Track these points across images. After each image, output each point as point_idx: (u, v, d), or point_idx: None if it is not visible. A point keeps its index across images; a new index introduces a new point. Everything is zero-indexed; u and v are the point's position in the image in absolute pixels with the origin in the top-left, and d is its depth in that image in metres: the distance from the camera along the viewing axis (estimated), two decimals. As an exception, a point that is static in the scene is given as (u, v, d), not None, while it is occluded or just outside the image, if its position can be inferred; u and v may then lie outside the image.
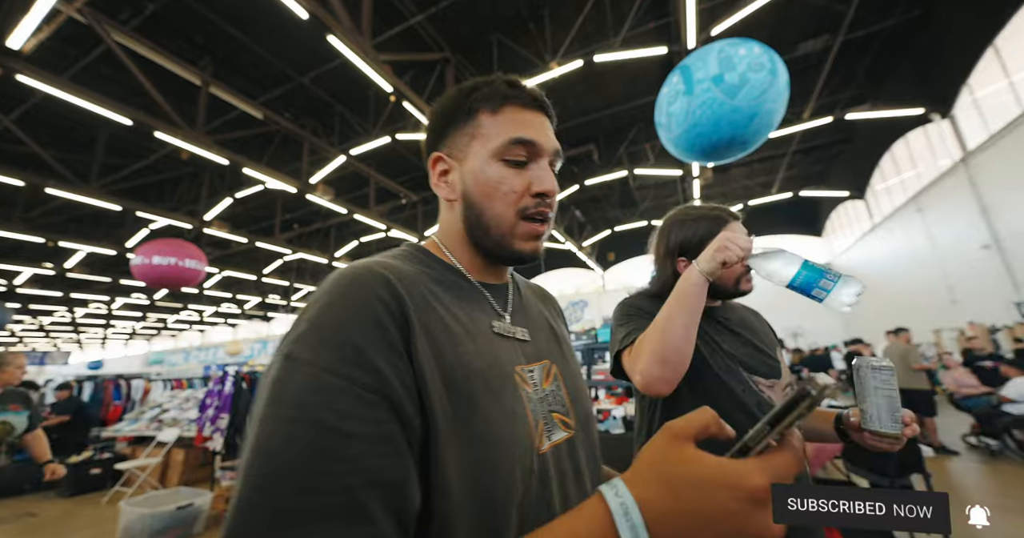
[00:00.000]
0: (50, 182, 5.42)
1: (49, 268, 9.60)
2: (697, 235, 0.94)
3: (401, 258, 0.49)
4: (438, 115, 0.53)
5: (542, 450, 0.43)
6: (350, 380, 0.33)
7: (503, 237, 0.49)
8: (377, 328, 0.36)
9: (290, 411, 0.32)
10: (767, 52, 2.02)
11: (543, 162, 0.50)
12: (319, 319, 0.36)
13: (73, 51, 5.18)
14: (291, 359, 0.34)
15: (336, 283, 0.39)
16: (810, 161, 11.20)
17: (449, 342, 0.41)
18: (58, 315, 18.44)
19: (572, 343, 0.63)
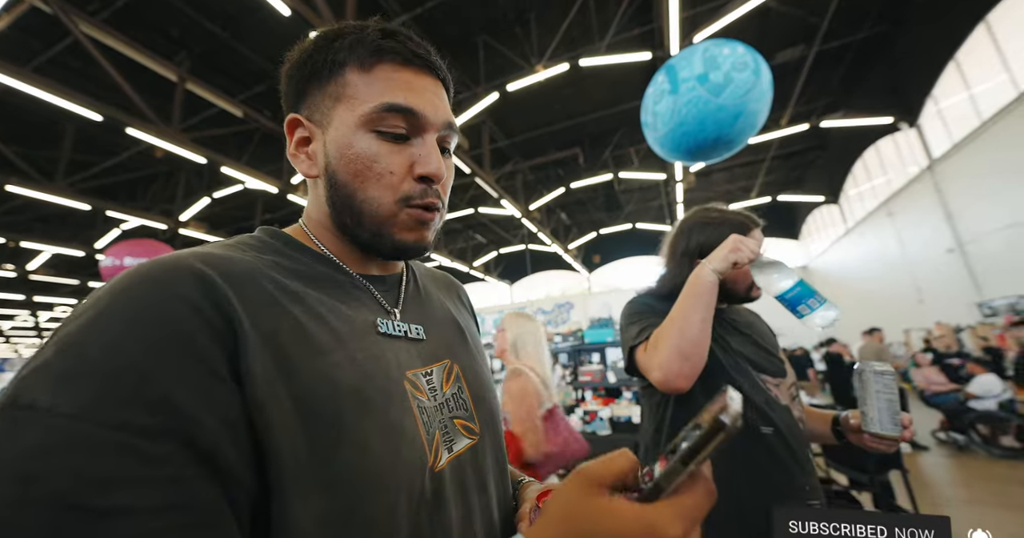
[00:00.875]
0: (12, 179, 5.15)
1: (10, 270, 9.10)
2: (721, 239, 0.89)
3: (240, 246, 0.37)
4: (295, 67, 0.41)
5: (438, 467, 0.37)
6: (122, 427, 0.22)
7: (380, 226, 0.39)
8: (181, 343, 0.26)
9: (9, 491, 0.20)
10: (751, 52, 2.07)
11: (428, 137, 0.39)
12: (78, 337, 0.25)
13: (37, 43, 4.95)
14: (17, 406, 0.22)
15: (118, 283, 0.28)
16: (788, 167, 11.56)
17: (307, 353, 0.32)
18: (20, 320, 17.50)
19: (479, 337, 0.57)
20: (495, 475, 0.44)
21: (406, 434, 0.35)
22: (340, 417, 0.31)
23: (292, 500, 0.27)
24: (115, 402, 0.23)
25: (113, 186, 8.15)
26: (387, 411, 0.34)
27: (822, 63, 7.07)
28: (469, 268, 12.63)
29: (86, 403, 0.22)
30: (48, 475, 0.21)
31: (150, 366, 0.24)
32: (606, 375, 3.55)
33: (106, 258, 5.19)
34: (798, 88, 6.49)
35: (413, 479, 0.34)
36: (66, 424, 0.22)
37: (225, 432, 0.26)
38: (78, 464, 0.21)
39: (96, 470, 0.21)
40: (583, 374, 3.67)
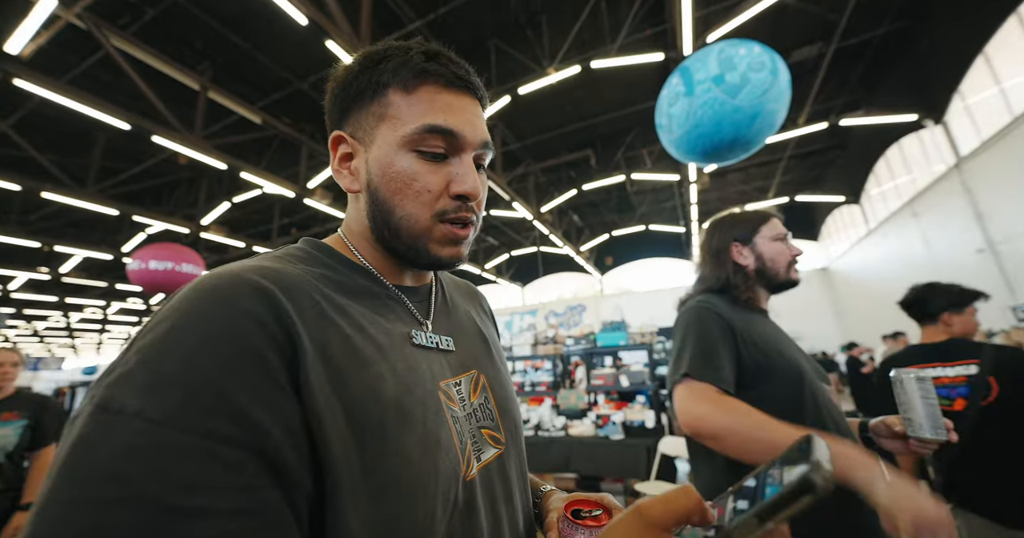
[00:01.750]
0: (47, 186, 5.40)
1: (44, 272, 9.53)
2: (747, 223, 0.99)
3: (289, 259, 0.39)
4: (341, 86, 0.43)
5: (470, 476, 0.38)
6: (205, 435, 0.24)
7: (416, 240, 0.41)
8: (250, 357, 0.27)
9: (102, 489, 0.22)
10: (767, 52, 2.03)
11: (466, 157, 0.41)
12: (158, 350, 0.26)
13: (72, 56, 5.19)
14: (109, 411, 0.24)
15: (187, 297, 0.29)
16: (806, 166, 11.30)
17: (355, 365, 0.33)
18: (53, 320, 18.28)
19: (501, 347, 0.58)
20: (519, 484, 0.45)
21: (442, 444, 0.36)
22: (384, 428, 0.32)
23: (345, 506, 0.29)
24: (197, 411, 0.25)
25: (139, 192, 8.47)
26: (425, 422, 0.35)
27: (840, 60, 6.90)
28: (481, 270, 12.68)
29: (171, 411, 0.24)
30: (138, 476, 0.22)
31: (224, 379, 0.26)
32: (619, 379, 3.52)
33: (133, 261, 5.39)
34: (816, 86, 6.35)
35: (449, 488, 0.35)
36: (153, 429, 0.24)
37: (288, 441, 0.27)
38: (165, 467, 0.23)
39: (180, 473, 0.23)
40: (595, 377, 3.64)
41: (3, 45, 3.17)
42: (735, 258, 0.98)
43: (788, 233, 0.97)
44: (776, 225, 0.98)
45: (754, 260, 0.97)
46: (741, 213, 1.04)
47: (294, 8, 3.28)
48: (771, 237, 0.96)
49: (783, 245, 0.96)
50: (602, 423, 3.14)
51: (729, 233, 1.00)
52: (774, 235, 0.96)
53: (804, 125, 6.87)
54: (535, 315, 15.60)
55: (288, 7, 3.27)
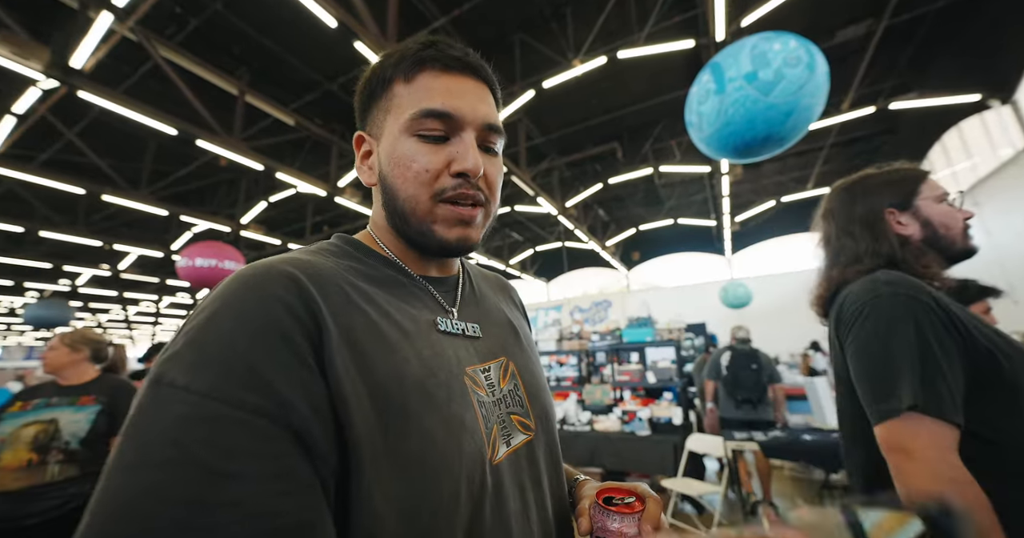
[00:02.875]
0: (107, 189, 5.86)
1: (106, 269, 10.37)
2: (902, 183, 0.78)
3: (321, 252, 0.42)
4: (361, 90, 0.46)
5: (496, 460, 0.39)
6: (240, 406, 0.27)
7: (421, 223, 0.41)
8: (278, 338, 0.30)
9: (160, 452, 0.25)
10: (804, 45, 1.93)
11: (466, 135, 0.41)
12: (201, 332, 0.30)
13: (126, 67, 5.58)
14: (162, 384, 0.28)
15: (226, 287, 0.32)
16: (849, 154, 10.60)
17: (381, 350, 0.35)
18: (113, 313, 19.87)
19: (531, 338, 0.58)
20: (549, 471, 0.46)
21: (467, 426, 0.37)
22: (408, 409, 0.34)
23: (370, 482, 0.30)
24: (235, 385, 0.27)
25: (185, 193, 9.03)
26: (449, 404, 0.36)
27: (889, 40, 6.40)
28: (506, 266, 12.73)
29: (213, 384, 0.27)
30: (191, 441, 0.26)
31: (257, 358, 0.29)
32: (645, 375, 3.47)
33: (181, 258, 5.77)
34: (862, 69, 5.92)
35: (473, 470, 0.35)
36: (199, 400, 0.27)
37: (314, 417, 0.29)
38: (211, 433, 0.26)
39: (223, 439, 0.26)
40: (621, 373, 3.60)
41: (69, 60, 3.44)
42: (895, 228, 0.78)
43: (951, 193, 0.78)
44: (936, 184, 0.79)
45: (919, 228, 0.77)
46: (887, 172, 0.84)
47: (324, 11, 3.39)
48: (936, 197, 0.77)
49: (951, 207, 0.77)
50: (628, 419, 3.10)
51: (879, 198, 0.80)
52: (939, 194, 0.78)
53: (849, 110, 6.44)
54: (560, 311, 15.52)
55: (318, 10, 3.38)
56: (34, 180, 5.34)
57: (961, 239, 0.76)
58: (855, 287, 0.72)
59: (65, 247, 9.40)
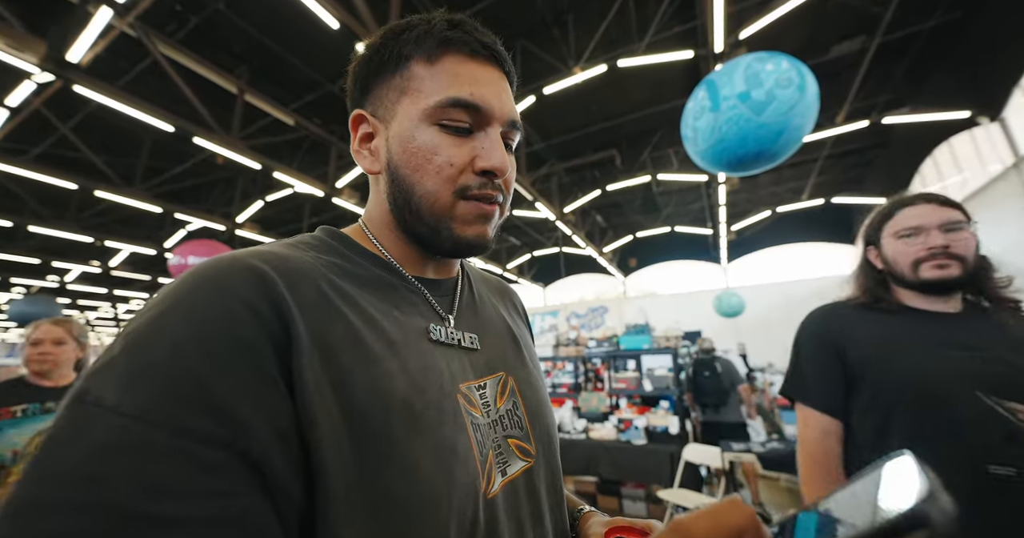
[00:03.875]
0: (100, 185, 5.79)
1: (96, 266, 10.22)
2: (873, 223, 0.92)
3: (300, 246, 0.37)
4: (362, 63, 0.41)
5: (491, 493, 0.34)
6: (182, 433, 0.22)
7: (438, 220, 0.37)
8: (236, 345, 0.25)
9: (71, 491, 0.20)
10: (795, 67, 2.02)
11: (492, 131, 0.38)
12: (142, 336, 0.24)
13: (124, 63, 5.54)
14: (86, 402, 0.22)
15: (180, 282, 0.28)
16: (843, 166, 10.77)
17: (360, 361, 0.30)
18: (103, 311, 19.57)
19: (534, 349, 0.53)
20: (551, 504, 0.40)
21: (459, 455, 0.32)
22: (391, 433, 0.29)
23: (338, 519, 0.25)
24: (177, 406, 0.22)
25: (180, 191, 8.95)
26: (440, 428, 0.31)
27: (884, 56, 6.53)
28: (503, 270, 12.71)
29: (148, 405, 0.22)
30: (106, 478, 0.20)
31: (208, 371, 0.23)
32: (642, 383, 3.45)
33: (173, 257, 5.70)
34: (857, 83, 6.03)
35: (465, 505, 0.30)
36: (128, 425, 0.21)
37: (276, 442, 0.24)
38: (136, 468, 0.21)
39: (153, 476, 0.21)
40: (617, 381, 3.58)
41: (65, 54, 3.41)
42: (873, 262, 0.92)
43: (918, 225, 0.82)
44: (901, 219, 0.85)
45: (883, 262, 0.89)
46: (876, 211, 0.94)
47: (326, 12, 3.38)
48: (893, 235, 0.86)
49: (903, 243, 0.84)
50: (624, 427, 3.08)
51: (863, 237, 0.96)
52: (896, 231, 0.86)
53: (843, 123, 6.54)
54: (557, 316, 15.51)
55: (320, 11, 3.38)
56: (25, 174, 5.26)
57: (909, 272, 0.83)
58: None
59: (55, 243, 9.25)
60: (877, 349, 0.80)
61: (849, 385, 0.82)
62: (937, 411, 0.70)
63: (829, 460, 0.80)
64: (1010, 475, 0.63)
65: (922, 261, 0.81)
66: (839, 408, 0.82)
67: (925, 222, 0.82)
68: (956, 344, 0.76)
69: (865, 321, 0.85)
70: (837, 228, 13.76)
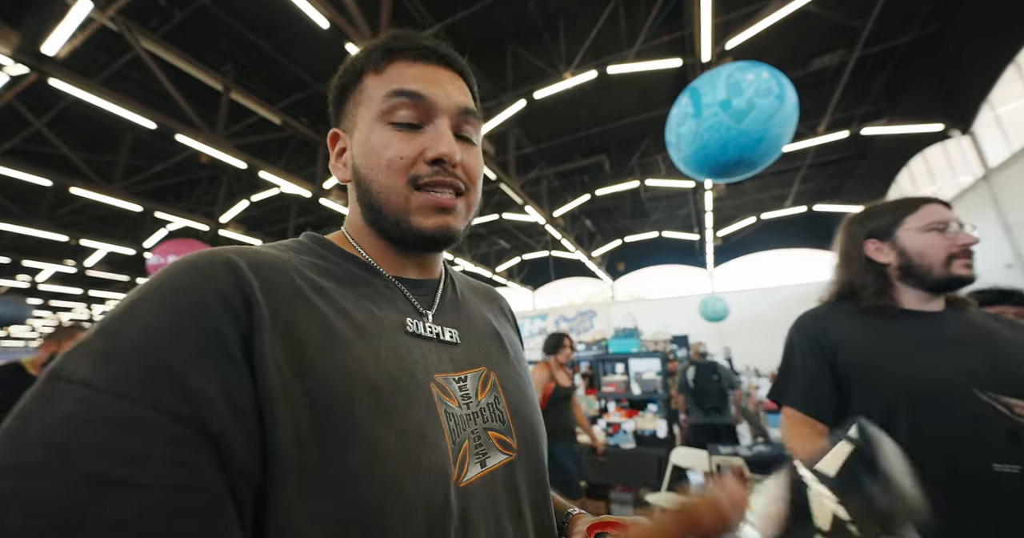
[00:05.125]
0: (76, 182, 5.60)
1: (71, 265, 9.86)
2: (886, 216, 0.87)
3: (280, 247, 0.39)
4: (334, 86, 0.45)
5: (464, 482, 0.34)
6: (146, 405, 0.23)
7: (397, 213, 0.39)
8: (204, 329, 0.26)
9: (35, 454, 0.21)
10: (776, 77, 2.07)
11: (440, 122, 0.39)
12: (116, 320, 0.26)
13: (104, 57, 5.38)
14: (59, 378, 0.24)
15: (157, 274, 0.29)
16: (825, 175, 11.08)
17: (326, 346, 0.31)
18: (77, 312, 18.86)
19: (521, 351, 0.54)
20: (532, 500, 0.40)
21: (428, 439, 0.32)
22: (354, 415, 0.29)
23: (291, 498, 0.26)
24: (142, 381, 0.24)
25: (162, 189, 8.72)
26: (408, 413, 0.32)
27: (863, 68, 6.76)
28: (492, 273, 12.68)
29: (118, 380, 0.23)
30: (77, 445, 0.21)
31: (174, 350, 0.25)
32: (630, 386, 3.47)
33: (153, 256, 5.53)
34: (837, 94, 6.23)
35: (434, 491, 0.31)
36: (95, 396, 0.23)
37: (235, 419, 0.25)
38: (106, 437, 0.22)
39: (121, 443, 0.22)
40: (606, 384, 3.59)
41: (40, 46, 3.30)
42: (872, 255, 0.87)
43: (952, 220, 0.80)
44: (930, 213, 0.82)
45: (896, 257, 0.84)
46: (883, 204, 0.90)
47: (316, 11, 3.35)
48: (920, 228, 0.82)
49: (937, 236, 0.80)
50: (612, 431, 3.09)
51: (863, 228, 0.89)
52: (925, 225, 0.82)
53: (824, 134, 6.74)
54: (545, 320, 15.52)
55: (310, 10, 3.34)
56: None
57: (940, 267, 0.79)
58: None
59: (26, 241, 8.91)
60: (873, 354, 0.78)
61: (841, 390, 0.80)
62: (938, 411, 0.70)
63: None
64: (1014, 473, 0.63)
65: (955, 257, 0.79)
66: (827, 413, 0.80)
67: (950, 218, 0.81)
68: (950, 343, 0.76)
69: (858, 324, 0.83)
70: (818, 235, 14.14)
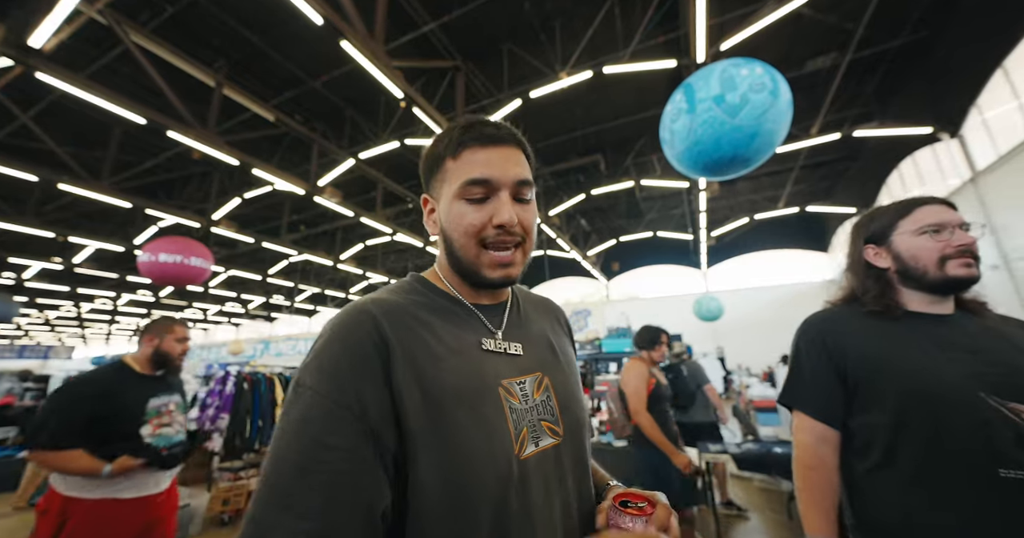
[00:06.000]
0: (63, 178, 5.50)
1: (58, 263, 9.69)
2: (882, 220, 0.88)
3: (398, 291, 0.57)
4: (423, 163, 0.60)
5: (524, 455, 0.48)
6: (341, 406, 0.41)
7: (471, 265, 0.54)
8: (362, 361, 0.44)
9: (294, 426, 0.41)
10: (769, 72, 2.05)
11: (502, 194, 0.53)
12: (321, 352, 0.45)
13: (93, 51, 5.29)
14: (300, 385, 0.44)
15: (335, 321, 0.48)
16: (817, 177, 11.20)
17: (430, 364, 0.47)
18: (64, 310, 18.56)
19: (572, 355, 0.68)
20: (575, 474, 0.54)
21: (495, 425, 0.47)
22: (447, 409, 0.45)
23: (419, 462, 0.42)
24: (337, 391, 0.42)
25: (152, 185, 8.59)
26: (482, 407, 0.47)
27: (855, 71, 6.84)
28: (486, 272, 12.65)
29: (326, 388, 0.42)
30: (308, 418, 0.41)
31: (350, 374, 0.43)
32: (622, 385, 3.49)
33: (143, 254, 5.45)
34: (829, 97, 6.29)
35: (500, 462, 0.45)
36: (318, 398, 0.42)
37: (382, 417, 0.43)
38: (320, 417, 0.41)
39: (326, 422, 0.41)
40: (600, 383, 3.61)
41: (27, 39, 3.23)
42: (872, 260, 0.88)
43: (941, 222, 0.81)
44: (923, 215, 0.82)
45: (892, 261, 0.85)
46: (882, 207, 0.91)
47: (310, 8, 3.32)
48: (913, 231, 0.83)
49: (929, 239, 0.81)
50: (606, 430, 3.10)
51: (863, 233, 0.91)
52: (918, 228, 0.82)
53: (817, 135, 6.81)
54: (539, 319, 15.53)
55: (304, 7, 3.31)
56: (-19, 164, 4.95)
57: (934, 269, 0.79)
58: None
59: (12, 237, 8.75)
60: (879, 357, 0.79)
61: (849, 393, 0.80)
62: (944, 416, 0.70)
63: (823, 468, 0.80)
64: (1020, 478, 0.63)
65: (949, 258, 0.78)
66: (836, 417, 0.81)
67: (947, 220, 0.81)
68: (958, 346, 0.75)
69: (865, 328, 0.83)
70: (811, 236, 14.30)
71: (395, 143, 6.59)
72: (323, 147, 6.63)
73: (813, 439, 0.82)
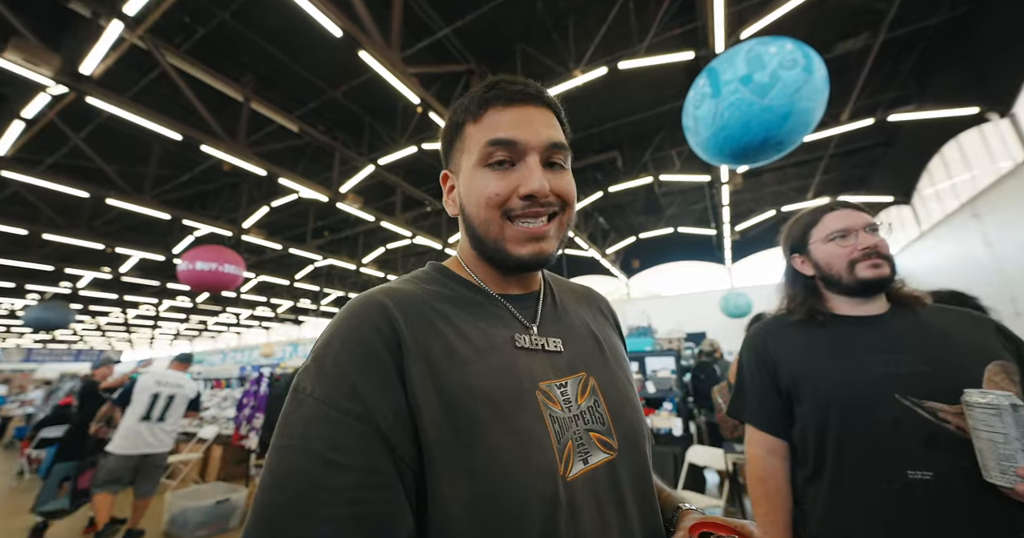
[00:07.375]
0: (111, 193, 5.90)
1: (107, 272, 10.39)
2: (797, 231, 0.93)
3: (414, 280, 0.48)
4: (441, 135, 0.52)
5: (570, 476, 0.38)
6: (345, 412, 0.34)
7: (495, 243, 0.45)
8: (371, 360, 0.37)
9: (292, 441, 0.34)
10: (800, 48, 1.90)
11: (530, 159, 0.43)
12: (320, 352, 0.38)
13: (134, 74, 5.66)
14: (298, 391, 0.37)
15: (340, 316, 0.41)
16: (849, 165, 10.66)
17: (453, 365, 0.39)
18: (113, 316, 19.84)
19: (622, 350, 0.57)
20: (636, 494, 0.43)
21: (535, 441, 0.38)
22: (476, 419, 0.37)
23: (442, 482, 0.35)
24: (340, 396, 0.35)
25: (188, 197, 9.09)
26: (518, 418, 0.38)
27: (889, 52, 6.49)
28: (506, 273, 12.70)
29: (328, 393, 0.35)
30: (312, 435, 0.34)
31: (357, 376, 0.36)
32: (645, 385, 3.44)
33: (182, 262, 5.78)
34: (861, 80, 5.99)
35: (544, 483, 0.36)
36: (318, 404, 0.35)
37: (396, 422, 0.36)
38: (323, 429, 0.34)
39: (331, 435, 0.34)
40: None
41: (78, 67, 3.50)
42: (799, 269, 0.93)
43: (846, 227, 0.84)
44: (829, 222, 0.87)
45: (813, 268, 0.89)
46: (799, 216, 0.96)
47: (329, 21, 3.44)
48: (823, 239, 0.87)
49: (835, 245, 0.85)
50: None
51: (787, 245, 0.96)
52: (825, 235, 0.86)
53: (848, 122, 6.49)
54: (560, 318, 15.44)
55: (324, 20, 3.44)
56: (40, 183, 5.38)
57: (846, 274, 0.82)
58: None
59: (67, 249, 9.44)
60: (804, 366, 0.81)
61: (786, 403, 0.83)
62: (858, 418, 0.70)
63: (773, 479, 0.81)
64: (927, 479, 0.63)
65: (857, 261, 0.81)
66: (780, 427, 0.82)
67: (851, 224, 0.84)
68: (880, 348, 0.76)
69: (793, 337, 0.86)
70: (844, 227, 13.58)
71: (413, 148, 6.73)
72: (344, 155, 6.83)
73: (762, 451, 0.82)
